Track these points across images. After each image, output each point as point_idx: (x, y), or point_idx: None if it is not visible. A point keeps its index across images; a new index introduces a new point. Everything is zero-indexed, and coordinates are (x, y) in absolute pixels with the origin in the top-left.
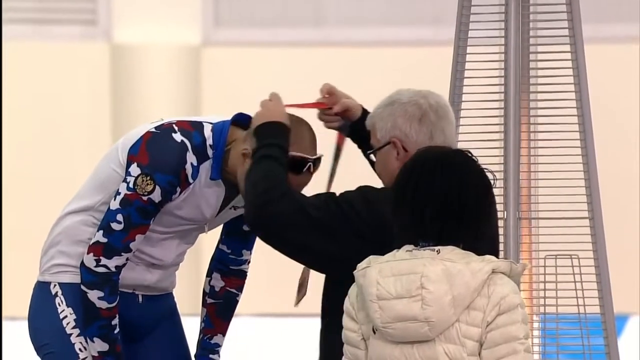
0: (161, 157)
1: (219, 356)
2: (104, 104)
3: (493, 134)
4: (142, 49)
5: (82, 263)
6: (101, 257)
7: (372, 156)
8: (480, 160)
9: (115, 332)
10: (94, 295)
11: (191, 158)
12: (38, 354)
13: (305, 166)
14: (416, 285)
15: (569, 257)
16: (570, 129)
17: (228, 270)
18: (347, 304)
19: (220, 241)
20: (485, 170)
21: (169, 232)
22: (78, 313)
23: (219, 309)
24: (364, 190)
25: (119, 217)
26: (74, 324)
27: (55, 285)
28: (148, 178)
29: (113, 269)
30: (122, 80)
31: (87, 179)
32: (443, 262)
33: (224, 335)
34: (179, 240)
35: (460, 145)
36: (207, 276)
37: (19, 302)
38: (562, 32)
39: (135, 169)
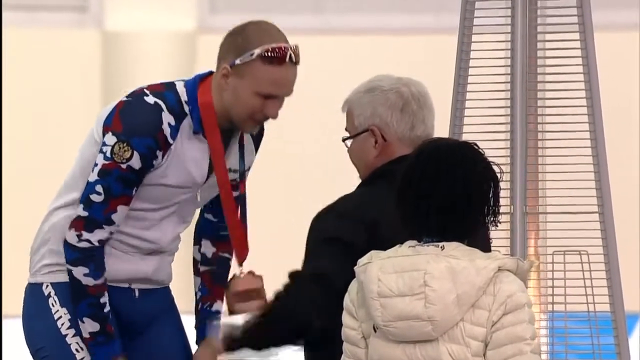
0: (136, 121)
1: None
2: (96, 93)
3: (499, 126)
4: (134, 36)
5: (65, 240)
6: (83, 232)
7: (346, 142)
8: (487, 154)
9: (105, 310)
10: (79, 272)
11: (167, 118)
12: (34, 358)
13: (286, 56)
14: (419, 282)
15: (578, 253)
16: (580, 120)
17: (218, 235)
18: (347, 300)
19: (205, 210)
20: (492, 163)
21: (161, 208)
22: (73, 313)
23: (215, 275)
24: (333, 209)
25: (98, 188)
26: (69, 324)
27: (47, 285)
28: (125, 144)
29: (96, 244)
30: (114, 68)
31: (71, 169)
32: (447, 259)
33: (222, 301)
34: (174, 218)
35: (465, 138)
36: (195, 244)
37: (18, 301)
38: (571, 20)
39: (110, 138)
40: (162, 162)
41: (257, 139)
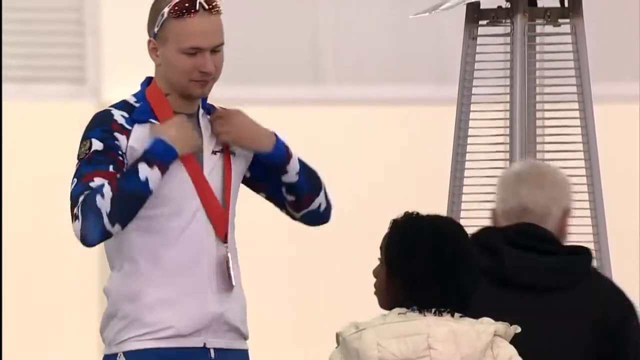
0: (88, 124)
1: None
2: None
3: None
4: None
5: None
6: (73, 210)
7: None
8: (486, 223)
9: (126, 174)
10: (100, 219)
11: (118, 113)
12: None
13: (195, 4)
14: (423, 346)
15: None
16: (580, 190)
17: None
18: None
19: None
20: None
21: (173, 214)
22: None
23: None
24: None
25: (73, 180)
26: None
27: (120, 355)
28: (84, 141)
29: (82, 199)
30: None
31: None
32: (448, 323)
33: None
34: (190, 227)
35: (466, 207)
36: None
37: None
38: (570, 90)
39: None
40: (127, 142)
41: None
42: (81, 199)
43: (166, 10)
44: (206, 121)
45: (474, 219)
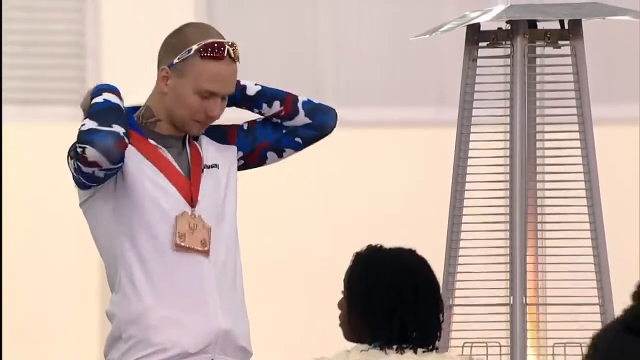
0: None
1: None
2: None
3: (499, 216)
4: None
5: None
6: (76, 144)
7: None
8: (486, 244)
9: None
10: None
11: None
12: None
13: (225, 51)
14: None
15: (579, 345)
16: (580, 212)
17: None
18: None
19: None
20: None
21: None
22: None
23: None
24: None
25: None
26: None
27: None
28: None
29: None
30: None
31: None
32: (413, 356)
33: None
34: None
35: (466, 228)
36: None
37: None
38: (570, 111)
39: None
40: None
41: (208, 131)
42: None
43: (194, 47)
44: (193, 145)
45: (474, 240)
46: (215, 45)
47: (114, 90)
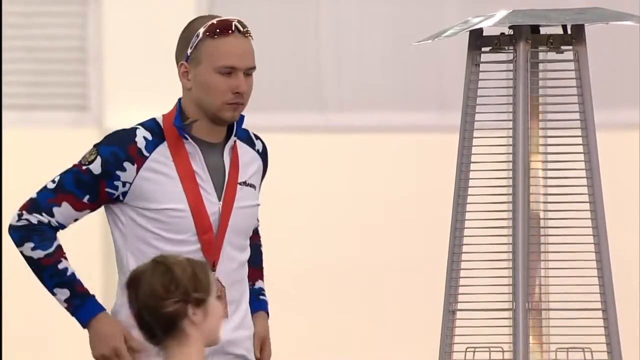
0: (110, 135)
1: (266, 297)
2: None
3: (501, 221)
4: None
5: (9, 225)
6: (23, 212)
7: None
8: (489, 249)
9: (68, 274)
10: (27, 249)
11: (143, 132)
12: None
13: (231, 26)
14: None
15: (582, 350)
16: (582, 217)
17: None
18: None
19: None
20: None
21: (182, 241)
22: None
23: (249, 260)
24: None
25: (56, 178)
26: None
27: None
28: (93, 149)
29: (34, 221)
30: None
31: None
32: None
33: (263, 280)
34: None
35: (468, 233)
36: None
37: None
38: (572, 117)
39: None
40: (136, 175)
41: (263, 156)
42: (38, 219)
43: (202, 30)
44: (234, 151)
45: (477, 245)
46: (220, 22)
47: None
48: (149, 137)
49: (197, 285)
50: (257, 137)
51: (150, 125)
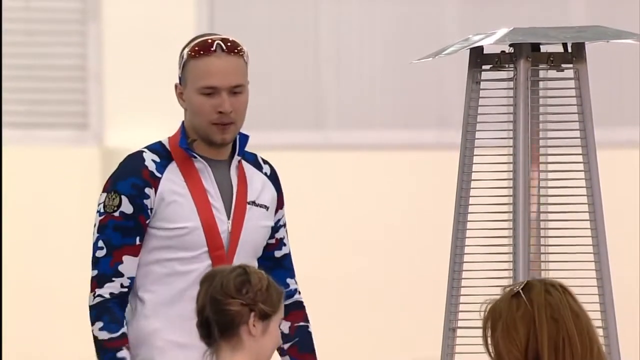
0: (119, 170)
1: None
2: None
3: (502, 239)
4: None
5: (89, 306)
6: (95, 290)
7: None
8: (490, 267)
9: None
10: (96, 328)
11: (150, 155)
12: None
13: (212, 45)
14: None
15: None
16: (583, 234)
17: (286, 305)
18: None
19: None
20: None
21: (194, 258)
22: None
23: (301, 347)
24: None
25: (100, 243)
26: None
27: None
28: (112, 193)
29: (107, 296)
30: None
31: None
32: None
33: None
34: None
35: (469, 251)
36: None
37: None
38: (573, 134)
39: (101, 196)
40: (155, 198)
41: (273, 180)
42: (110, 290)
43: (185, 51)
44: (240, 170)
45: (477, 262)
46: (202, 42)
47: None
48: (157, 159)
49: (267, 299)
50: (266, 162)
51: (157, 147)
